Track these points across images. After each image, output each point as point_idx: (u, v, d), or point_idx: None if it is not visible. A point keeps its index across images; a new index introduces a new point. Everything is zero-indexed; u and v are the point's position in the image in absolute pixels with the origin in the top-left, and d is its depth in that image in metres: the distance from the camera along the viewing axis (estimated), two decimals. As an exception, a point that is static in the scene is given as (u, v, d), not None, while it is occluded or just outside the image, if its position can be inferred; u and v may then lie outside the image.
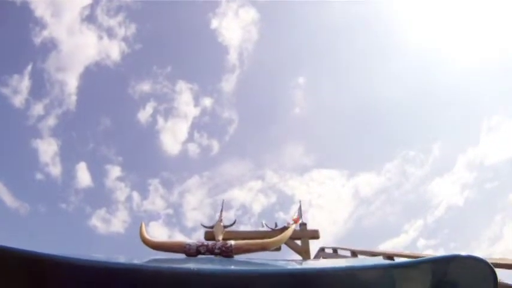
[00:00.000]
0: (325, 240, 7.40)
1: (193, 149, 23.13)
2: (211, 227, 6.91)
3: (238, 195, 21.10)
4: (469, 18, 20.14)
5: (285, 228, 8.31)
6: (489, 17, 19.13)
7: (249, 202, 20.87)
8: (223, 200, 7.90)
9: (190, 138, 23.81)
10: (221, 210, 7.80)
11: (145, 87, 22.39)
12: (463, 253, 0.88)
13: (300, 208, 9.92)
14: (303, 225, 9.34)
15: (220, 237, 4.65)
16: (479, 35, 20.29)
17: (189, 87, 23.26)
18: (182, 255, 1.35)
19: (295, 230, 8.45)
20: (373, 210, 23.41)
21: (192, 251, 1.34)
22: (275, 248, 1.58)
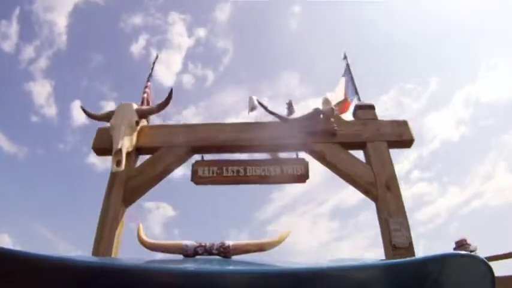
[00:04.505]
0: (313, 180, 3.89)
1: (188, 80, 23.48)
2: (108, 116, 3.87)
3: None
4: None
5: (317, 113, 4.03)
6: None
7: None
8: (156, 56, 5.53)
9: (184, 69, 24.15)
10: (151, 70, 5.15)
11: (137, 20, 21.58)
12: (461, 252, 0.94)
13: (348, 73, 5.07)
14: (364, 108, 4.16)
15: (127, 143, 3.48)
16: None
17: (181, 18, 22.67)
18: (180, 256, 1.36)
19: (343, 122, 4.12)
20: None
21: (189, 252, 1.35)
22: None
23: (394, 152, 3.82)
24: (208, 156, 3.96)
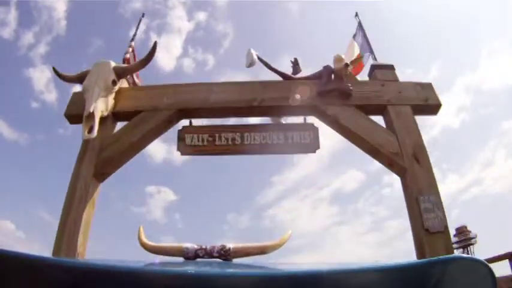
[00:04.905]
0: (320, 152, 3.21)
1: (188, 64, 21.78)
2: (82, 77, 3.23)
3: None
4: None
5: (328, 71, 3.41)
6: None
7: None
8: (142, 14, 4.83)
9: (185, 53, 21.91)
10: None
11: (137, 4, 19.81)
12: (463, 255, 0.92)
13: (360, 32, 4.43)
14: (383, 68, 3.49)
15: (101, 105, 2.97)
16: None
17: (181, 2, 20.64)
18: (180, 259, 1.35)
19: (359, 82, 3.50)
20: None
21: (190, 255, 1.34)
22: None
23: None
24: (198, 122, 3.32)
